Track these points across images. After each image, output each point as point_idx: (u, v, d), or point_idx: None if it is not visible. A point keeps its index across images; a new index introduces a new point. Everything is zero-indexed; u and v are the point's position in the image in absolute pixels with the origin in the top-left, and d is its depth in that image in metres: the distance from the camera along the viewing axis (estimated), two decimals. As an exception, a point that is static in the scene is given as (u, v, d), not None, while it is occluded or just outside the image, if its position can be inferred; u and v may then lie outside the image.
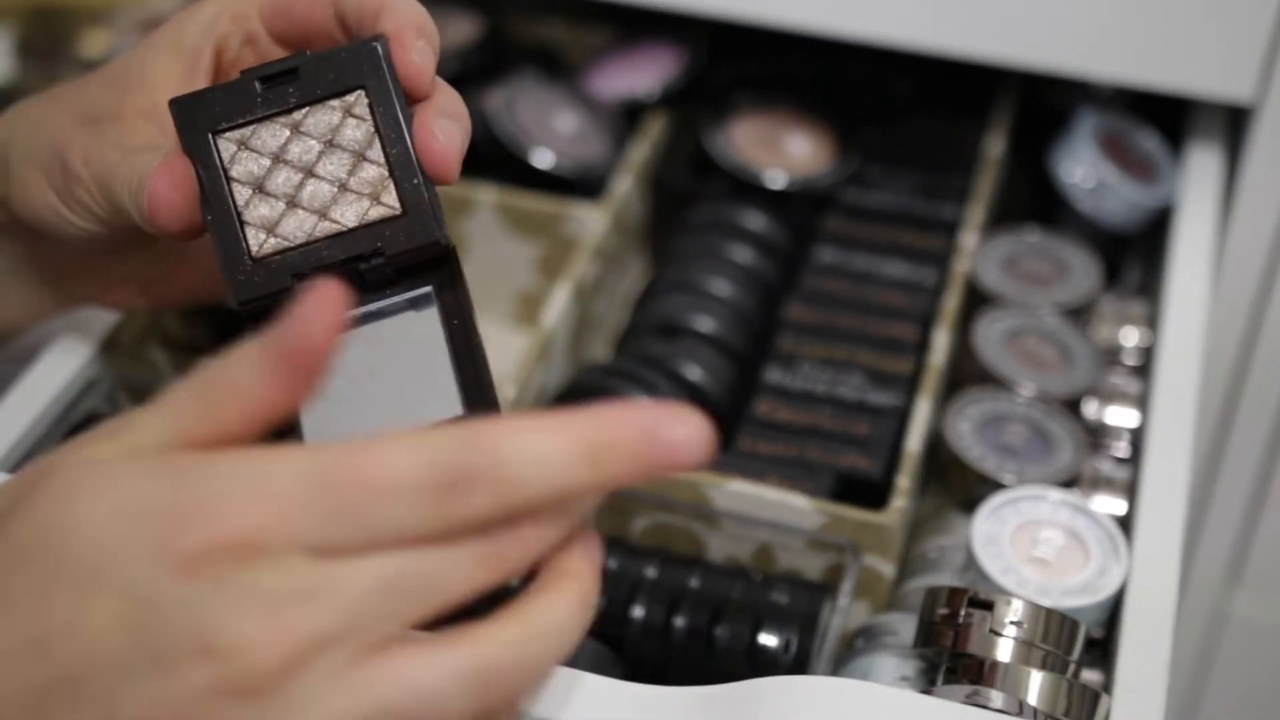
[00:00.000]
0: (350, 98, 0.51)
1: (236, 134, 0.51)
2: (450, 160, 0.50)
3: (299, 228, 0.50)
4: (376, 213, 0.50)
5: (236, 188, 0.51)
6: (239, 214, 0.51)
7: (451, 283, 0.51)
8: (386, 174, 0.50)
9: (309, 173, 0.51)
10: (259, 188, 0.51)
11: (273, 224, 0.51)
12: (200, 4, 0.56)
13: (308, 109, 0.51)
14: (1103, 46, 0.77)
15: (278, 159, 0.51)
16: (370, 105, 0.51)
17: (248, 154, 0.51)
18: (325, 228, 0.50)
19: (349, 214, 0.50)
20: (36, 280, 0.63)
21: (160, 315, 0.72)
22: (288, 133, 0.51)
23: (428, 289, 0.51)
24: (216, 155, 0.51)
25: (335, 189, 0.51)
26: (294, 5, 0.54)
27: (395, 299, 0.51)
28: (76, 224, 0.56)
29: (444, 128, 0.51)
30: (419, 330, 0.51)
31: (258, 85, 0.51)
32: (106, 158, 0.54)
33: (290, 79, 0.51)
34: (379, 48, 0.51)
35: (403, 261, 0.50)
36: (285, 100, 0.51)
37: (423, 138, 0.50)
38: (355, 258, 0.50)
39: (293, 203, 0.51)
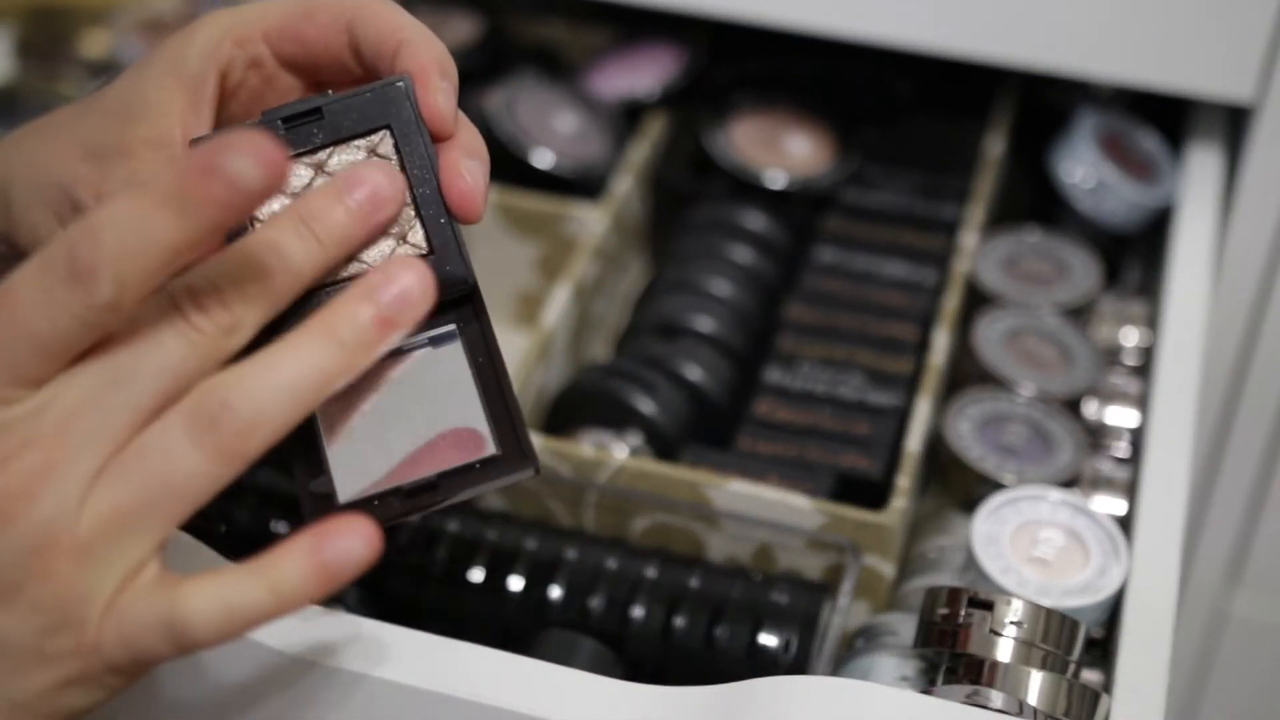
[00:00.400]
0: (375, 137, 0.51)
1: None
2: (478, 199, 0.51)
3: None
4: (404, 252, 0.50)
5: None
6: None
7: (475, 319, 0.51)
8: (413, 214, 0.50)
9: None
10: None
11: None
12: (199, 26, 0.54)
13: (332, 149, 0.51)
14: (1103, 46, 0.77)
15: (296, 195, 0.51)
16: (395, 145, 0.51)
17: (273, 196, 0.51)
18: (353, 268, 0.50)
19: (375, 254, 0.50)
20: None
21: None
22: (312, 173, 0.51)
23: (451, 326, 0.51)
24: None
25: None
26: (305, 30, 0.53)
27: (418, 337, 0.51)
28: None
29: (470, 168, 0.51)
30: (444, 367, 0.50)
31: (280, 125, 0.51)
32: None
33: (313, 119, 0.51)
34: (404, 88, 0.51)
35: (439, 305, 0.50)
36: (309, 140, 0.51)
37: (449, 177, 0.50)
38: None
39: None
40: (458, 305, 0.51)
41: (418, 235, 0.50)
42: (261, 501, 0.64)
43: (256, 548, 0.64)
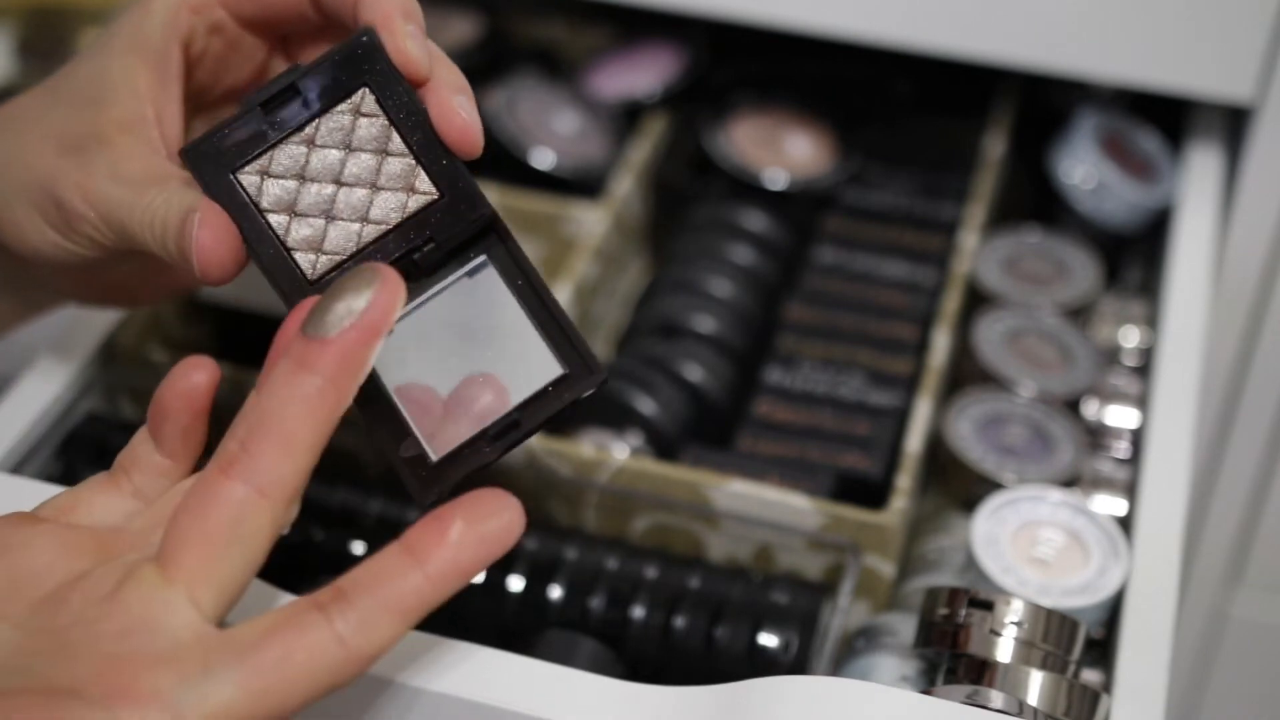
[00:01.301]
0: (356, 98, 0.51)
1: (255, 165, 0.51)
2: (475, 133, 0.50)
3: (345, 239, 0.50)
4: (416, 202, 0.50)
5: (272, 218, 0.50)
6: (282, 243, 0.50)
7: (503, 244, 0.51)
8: (414, 162, 0.50)
9: (337, 182, 0.51)
10: (293, 212, 0.50)
11: (318, 243, 0.50)
12: None
13: (317, 120, 0.51)
14: (1103, 46, 0.77)
15: (302, 178, 0.51)
16: (378, 100, 0.51)
17: (272, 181, 0.50)
18: (370, 231, 0.50)
19: (389, 211, 0.50)
20: (14, 293, 0.62)
21: (160, 316, 0.72)
22: (305, 149, 0.51)
23: (481, 258, 0.51)
24: (243, 193, 0.50)
25: (368, 191, 0.50)
26: None
27: (452, 278, 0.51)
28: (79, 253, 0.55)
29: (460, 103, 0.50)
30: (486, 300, 0.50)
31: (259, 111, 0.51)
32: (110, 195, 0.52)
33: (291, 95, 0.51)
34: (370, 41, 0.50)
35: (454, 242, 0.50)
36: (293, 118, 0.51)
37: (443, 116, 0.50)
38: (409, 252, 0.50)
39: (330, 216, 0.51)
40: (481, 238, 0.51)
41: (424, 183, 0.50)
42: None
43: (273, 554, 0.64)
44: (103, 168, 0.53)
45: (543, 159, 0.84)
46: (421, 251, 0.50)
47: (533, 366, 0.50)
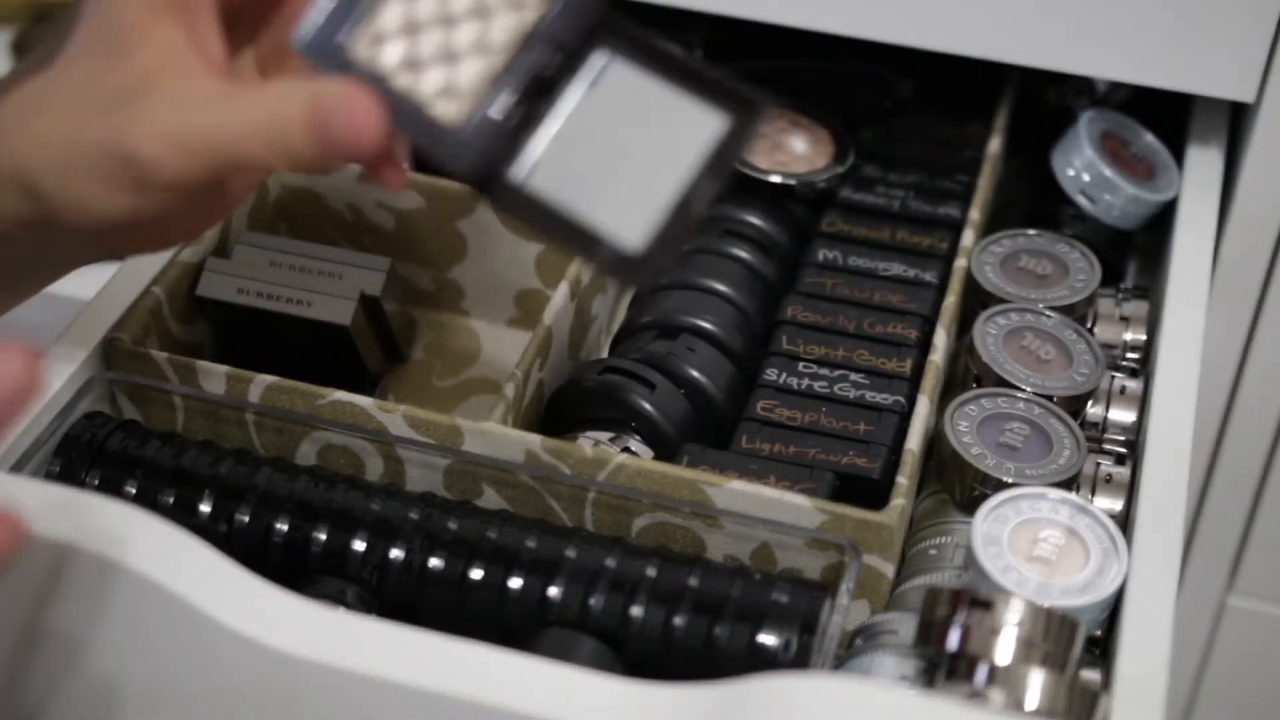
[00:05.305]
0: None
1: (363, 33, 0.49)
2: None
3: (474, 75, 0.49)
4: (530, 16, 0.49)
5: (399, 77, 0.49)
6: (415, 100, 0.49)
7: (620, 34, 0.50)
8: None
9: (447, 22, 0.49)
10: (414, 65, 0.49)
11: (449, 88, 0.49)
12: None
13: None
14: (1103, 46, 0.77)
15: (411, 29, 0.49)
16: None
17: (383, 43, 0.49)
18: (496, 61, 0.49)
19: (509, 34, 0.49)
20: (36, 266, 0.61)
21: (160, 315, 0.71)
22: (404, 4, 0.49)
23: (605, 57, 0.50)
24: (360, 62, 0.49)
25: (480, 21, 0.49)
26: None
27: (586, 84, 0.50)
28: (151, 208, 0.53)
29: None
30: (629, 92, 0.50)
31: None
32: (194, 124, 0.51)
33: None
34: None
35: (581, 42, 0.49)
36: None
37: None
38: (539, 71, 0.49)
39: (451, 57, 0.49)
40: (597, 38, 0.50)
41: None
42: (261, 501, 0.64)
43: (256, 548, 0.64)
44: (167, 108, 0.51)
45: (542, 158, 0.84)
46: (553, 64, 0.49)
47: (694, 130, 0.49)
